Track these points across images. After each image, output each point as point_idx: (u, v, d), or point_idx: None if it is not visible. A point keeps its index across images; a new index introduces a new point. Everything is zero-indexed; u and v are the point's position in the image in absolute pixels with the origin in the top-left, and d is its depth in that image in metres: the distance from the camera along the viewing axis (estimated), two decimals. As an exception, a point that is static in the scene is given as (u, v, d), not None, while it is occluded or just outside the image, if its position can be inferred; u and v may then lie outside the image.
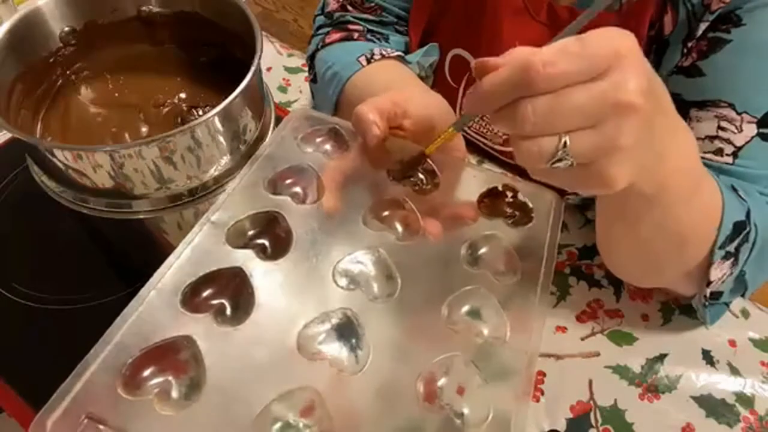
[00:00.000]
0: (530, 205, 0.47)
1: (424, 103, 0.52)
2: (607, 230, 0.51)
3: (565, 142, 0.32)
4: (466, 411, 0.36)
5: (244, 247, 0.43)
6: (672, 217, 0.44)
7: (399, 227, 0.45)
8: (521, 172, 0.50)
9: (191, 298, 0.39)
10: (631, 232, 0.46)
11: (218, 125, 0.48)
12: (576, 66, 0.31)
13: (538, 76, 0.31)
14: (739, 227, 0.47)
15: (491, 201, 0.48)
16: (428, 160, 0.49)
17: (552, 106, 0.32)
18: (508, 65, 0.32)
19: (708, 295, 0.51)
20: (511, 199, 0.48)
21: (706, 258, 0.48)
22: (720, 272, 0.49)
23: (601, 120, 0.32)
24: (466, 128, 0.70)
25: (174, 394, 0.35)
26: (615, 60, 0.31)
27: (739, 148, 0.51)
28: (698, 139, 0.52)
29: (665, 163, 0.38)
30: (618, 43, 0.32)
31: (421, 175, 0.48)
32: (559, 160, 0.33)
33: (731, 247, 0.48)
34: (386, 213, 0.46)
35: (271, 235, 0.44)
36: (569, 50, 0.31)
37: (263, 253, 0.43)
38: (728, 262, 0.49)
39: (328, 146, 0.50)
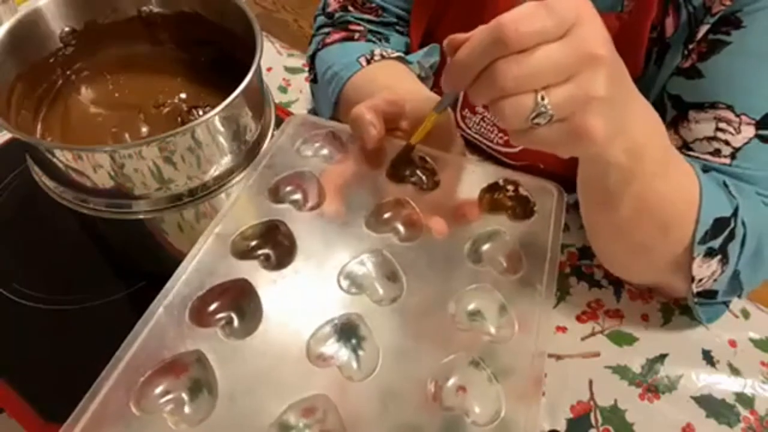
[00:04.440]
0: (532, 198, 0.47)
1: (420, 103, 0.52)
2: (592, 218, 0.51)
3: (542, 96, 0.34)
4: (476, 411, 0.36)
5: (249, 257, 0.43)
6: (651, 193, 0.44)
7: (402, 228, 0.45)
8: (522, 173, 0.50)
9: (198, 312, 0.39)
10: (614, 215, 0.47)
11: (218, 125, 0.48)
12: (543, 24, 0.33)
13: (509, 33, 0.33)
14: (722, 224, 0.47)
15: (492, 196, 0.48)
16: (427, 159, 0.49)
17: (527, 62, 0.34)
18: (479, 30, 0.35)
19: (695, 292, 0.51)
20: (512, 193, 0.48)
21: (690, 250, 0.48)
22: (707, 270, 0.49)
23: (574, 73, 0.34)
24: (466, 129, 0.70)
25: (187, 409, 0.35)
26: (577, 18, 0.34)
27: (737, 149, 0.51)
28: (696, 140, 0.53)
29: (634, 126, 0.40)
30: (578, 3, 0.35)
31: (421, 174, 0.48)
32: (539, 115, 0.35)
33: (714, 244, 0.48)
34: (388, 214, 0.46)
35: (274, 245, 0.44)
36: (534, 11, 0.34)
37: (268, 263, 0.43)
38: (715, 260, 0.49)
39: (326, 150, 0.50)
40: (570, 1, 0.34)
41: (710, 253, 0.48)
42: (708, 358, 0.55)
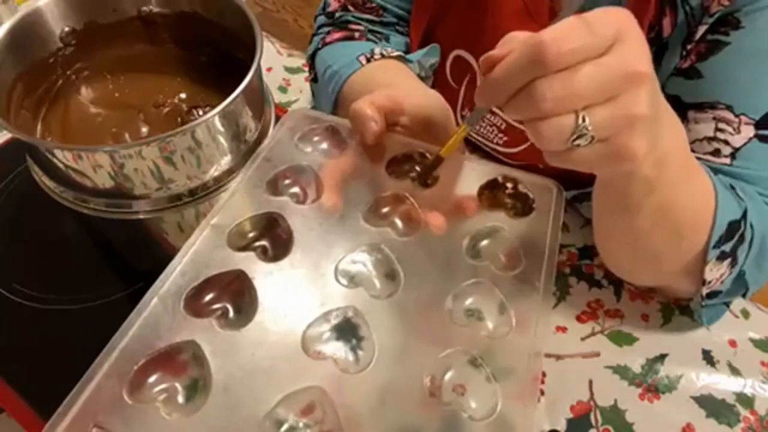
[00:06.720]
0: (531, 195, 0.47)
1: (420, 100, 0.52)
2: (606, 224, 0.51)
3: (584, 117, 0.33)
4: (472, 407, 0.36)
5: (245, 249, 0.43)
6: (670, 203, 0.44)
7: (400, 223, 0.45)
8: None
9: (194, 302, 0.39)
10: (631, 223, 0.46)
11: (218, 125, 0.48)
12: (584, 41, 0.32)
13: (550, 52, 0.31)
14: (734, 227, 0.47)
15: (491, 193, 0.48)
16: (427, 155, 0.49)
17: (567, 82, 0.32)
18: (518, 48, 0.33)
19: (704, 294, 0.51)
20: (511, 190, 0.48)
21: (702, 254, 0.48)
22: (717, 272, 0.49)
23: (617, 92, 0.33)
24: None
25: (180, 399, 0.35)
26: (619, 34, 0.32)
27: (737, 150, 0.51)
28: (696, 140, 0.53)
29: (664, 137, 0.38)
30: (619, 18, 0.33)
31: (419, 170, 0.48)
32: (580, 137, 0.33)
33: (726, 247, 0.48)
34: (387, 209, 0.46)
35: (271, 237, 0.44)
36: (575, 28, 0.32)
37: (264, 255, 0.43)
38: (725, 263, 0.49)
39: (325, 145, 0.50)
40: (611, 16, 0.33)
41: (722, 257, 0.48)
42: (708, 358, 0.55)
